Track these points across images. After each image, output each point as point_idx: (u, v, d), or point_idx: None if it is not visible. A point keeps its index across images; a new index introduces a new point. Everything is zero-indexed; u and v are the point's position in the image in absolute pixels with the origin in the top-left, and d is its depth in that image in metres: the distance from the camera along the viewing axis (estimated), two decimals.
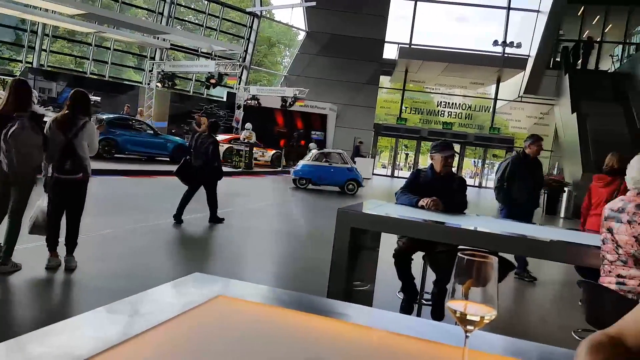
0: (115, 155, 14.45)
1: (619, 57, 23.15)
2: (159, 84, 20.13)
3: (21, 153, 4.10)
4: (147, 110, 19.59)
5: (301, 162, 14.86)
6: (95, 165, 5.45)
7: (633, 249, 2.44)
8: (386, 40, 26.37)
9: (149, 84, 21.16)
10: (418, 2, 26.88)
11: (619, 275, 2.51)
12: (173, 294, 1.36)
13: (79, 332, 1.04)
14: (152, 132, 15.74)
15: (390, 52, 26.69)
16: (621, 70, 20.91)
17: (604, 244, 2.64)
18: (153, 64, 21.24)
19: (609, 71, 22.15)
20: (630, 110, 17.52)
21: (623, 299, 2.42)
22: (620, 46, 23.73)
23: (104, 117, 7.89)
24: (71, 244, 4.54)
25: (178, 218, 7.24)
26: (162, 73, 20.00)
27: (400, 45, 26.33)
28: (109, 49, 21.98)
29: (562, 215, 14.76)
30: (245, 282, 1.55)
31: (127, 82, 23.86)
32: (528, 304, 5.23)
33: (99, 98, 18.05)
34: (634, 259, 2.44)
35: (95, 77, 21.62)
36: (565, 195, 14.90)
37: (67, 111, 4.48)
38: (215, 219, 7.53)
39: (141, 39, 19.08)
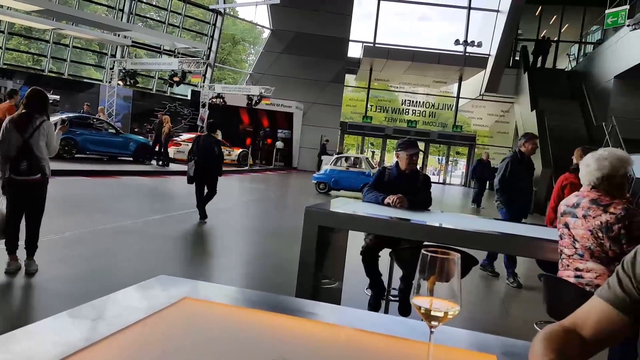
0: (76, 156, 14.06)
1: (575, 56, 23.95)
2: (120, 82, 19.67)
3: None
4: (108, 109, 19.14)
5: (324, 167, 15.61)
6: (55, 165, 5.30)
7: (589, 242, 2.53)
8: (351, 38, 26.52)
9: (109, 82, 20.67)
10: (381, 1, 27.14)
11: (576, 269, 2.60)
12: (138, 296, 1.33)
13: (41, 338, 1.02)
14: (113, 131, 15.39)
15: (355, 51, 26.88)
16: (577, 68, 21.63)
17: (561, 238, 2.73)
18: (114, 62, 20.75)
19: (566, 69, 22.88)
20: (586, 107, 18.14)
21: (581, 291, 2.50)
22: (577, 45, 24.54)
23: (64, 116, 7.76)
24: (31, 247, 4.40)
25: (203, 215, 7.80)
26: (123, 71, 19.55)
27: (364, 44, 26.52)
28: (68, 46, 21.37)
29: None
30: (212, 283, 1.54)
31: (86, 80, 23.24)
32: (492, 298, 5.35)
33: (58, 96, 17.52)
34: (590, 252, 2.54)
35: (53, 75, 20.98)
36: None
37: (23, 110, 4.33)
38: (204, 215, 7.88)
39: (101, 36, 18.60)
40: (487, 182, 15.44)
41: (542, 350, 0.94)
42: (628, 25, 13.36)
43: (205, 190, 7.87)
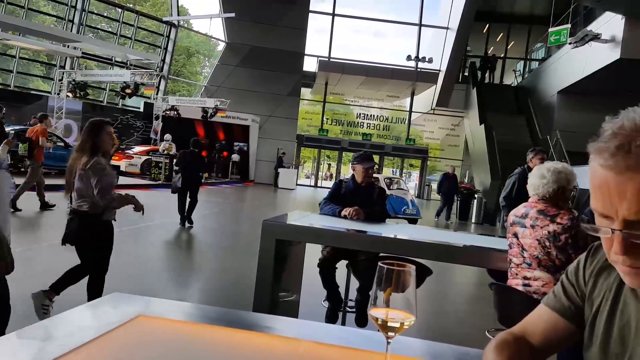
0: (22, 170, 13.48)
1: (521, 72, 24.97)
2: (69, 94, 19.07)
3: None
4: (56, 122, 18.49)
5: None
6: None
7: (537, 251, 2.64)
8: (306, 52, 26.73)
9: (58, 94, 20.01)
10: (335, 17, 27.53)
11: (524, 277, 2.70)
12: (90, 315, 1.30)
13: None
14: (62, 144, 14.88)
15: (310, 65, 27.10)
16: (523, 84, 22.54)
17: (510, 248, 2.83)
18: (63, 73, 20.12)
19: (513, 85, 23.81)
20: (532, 121, 18.90)
21: (529, 299, 2.60)
22: (522, 62, 25.60)
23: (9, 129, 7.59)
24: None
25: (190, 221, 8.87)
26: (73, 82, 18.98)
27: (319, 58, 26.79)
28: (14, 57, 20.59)
29: (473, 220, 15.61)
30: (167, 299, 1.52)
31: (34, 92, 22.42)
32: (445, 307, 5.47)
33: (4, 108, 16.80)
34: (538, 261, 2.64)
35: None
36: (475, 202, 15.79)
37: None
38: (191, 221, 8.93)
39: (50, 47, 18.02)
40: (454, 196, 15.57)
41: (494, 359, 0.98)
42: (570, 43, 14.05)
43: (188, 200, 8.77)
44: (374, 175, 4.27)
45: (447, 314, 5.16)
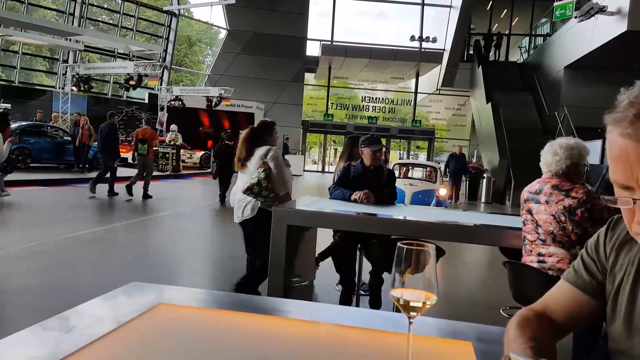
0: (31, 165, 13.57)
1: (527, 49, 24.67)
2: (74, 88, 19.07)
3: None
4: (62, 116, 18.54)
5: None
6: (10, 176, 5.12)
7: (552, 227, 2.62)
8: (308, 37, 26.53)
9: (63, 88, 20.03)
10: (337, 0, 27.27)
11: (539, 254, 2.69)
12: (110, 305, 1.31)
13: (10, 355, 0.98)
14: (69, 138, 14.92)
15: (313, 49, 26.92)
16: (529, 60, 22.28)
17: (524, 225, 2.82)
18: (66, 67, 20.10)
19: (518, 62, 23.54)
20: (539, 98, 18.72)
21: (544, 276, 2.59)
22: (527, 38, 25.29)
23: (16, 125, 7.77)
24: None
25: (223, 201, 10.66)
26: (76, 76, 18.96)
27: (322, 42, 26.59)
28: (17, 52, 20.59)
29: (482, 200, 15.56)
30: (185, 287, 1.52)
31: (38, 87, 22.45)
32: (458, 287, 5.47)
33: (9, 105, 16.86)
34: (553, 237, 2.63)
35: (3, 82, 20.17)
36: (484, 181, 15.73)
37: None
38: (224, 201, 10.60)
39: (52, 41, 17.99)
40: (462, 176, 15.47)
41: (518, 338, 0.97)
42: (575, 17, 13.84)
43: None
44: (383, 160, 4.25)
45: (461, 293, 5.16)
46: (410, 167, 11.80)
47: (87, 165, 14.63)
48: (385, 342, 1.12)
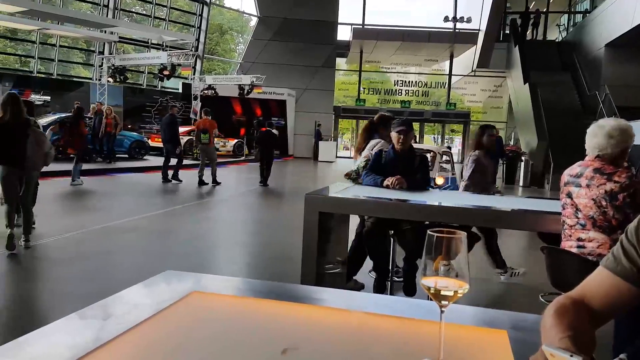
0: (71, 155, 13.99)
1: (565, 26, 23.82)
2: (110, 79, 19.49)
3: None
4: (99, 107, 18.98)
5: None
6: (50, 166, 5.34)
7: (592, 211, 2.54)
8: (339, 21, 26.31)
9: (99, 80, 20.49)
10: None
11: (578, 239, 2.62)
12: (146, 293, 1.34)
13: (54, 340, 1.02)
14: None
15: (344, 34, 26.69)
16: (568, 39, 21.53)
17: (563, 209, 2.74)
18: (102, 59, 20.55)
19: (557, 40, 22.77)
20: (579, 77, 18.10)
21: (584, 261, 2.52)
22: (566, 15, 24.40)
23: (55, 117, 8.61)
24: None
25: (266, 184, 11.73)
26: (112, 67, 19.36)
27: (353, 26, 26.32)
28: (55, 45, 21.15)
29: (520, 184, 15.22)
30: (218, 275, 1.54)
31: (75, 79, 23.03)
32: (494, 272, 5.38)
33: (49, 97, 17.36)
34: (593, 222, 2.55)
35: (42, 75, 20.79)
36: (522, 164, 15.36)
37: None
38: (266, 184, 11.76)
39: (87, 34, 18.40)
40: (500, 159, 15.02)
41: (555, 327, 0.94)
42: None
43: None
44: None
45: (497, 279, 5.08)
46: None
47: (111, 154, 14.51)
48: (417, 330, 1.11)
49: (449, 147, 17.41)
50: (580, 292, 1.06)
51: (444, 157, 8.62)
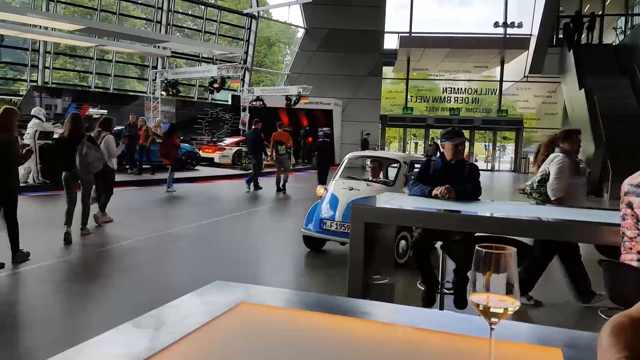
0: (126, 167, 14.54)
1: (623, 29, 22.84)
2: (163, 92, 20.19)
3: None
4: (153, 120, 19.66)
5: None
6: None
7: None
8: (386, 30, 26.26)
9: (153, 93, 21.25)
10: None
11: (639, 252, 2.49)
12: (196, 303, 1.37)
13: (108, 349, 1.06)
14: (160, 140, 15.78)
15: (391, 42, 26.61)
16: (625, 42, 20.64)
17: (623, 220, 2.61)
18: (156, 73, 21.32)
19: (613, 44, 21.87)
20: (637, 82, 17.30)
21: None
22: (623, 18, 23.42)
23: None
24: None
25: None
26: (165, 81, 20.05)
27: (400, 35, 26.20)
28: (111, 61, 22.11)
29: None
30: (266, 286, 1.56)
31: (131, 93, 23.97)
32: (550, 286, 5.18)
33: (105, 111, 18.13)
34: None
35: (99, 90, 21.77)
36: None
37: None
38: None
39: (142, 49, 19.15)
40: None
41: (612, 347, 0.90)
42: None
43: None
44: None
45: (552, 294, 4.89)
46: (368, 162, 7.33)
47: (141, 166, 14.30)
48: (465, 347, 1.09)
49: (428, 155, 14.69)
50: (639, 310, 1.01)
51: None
